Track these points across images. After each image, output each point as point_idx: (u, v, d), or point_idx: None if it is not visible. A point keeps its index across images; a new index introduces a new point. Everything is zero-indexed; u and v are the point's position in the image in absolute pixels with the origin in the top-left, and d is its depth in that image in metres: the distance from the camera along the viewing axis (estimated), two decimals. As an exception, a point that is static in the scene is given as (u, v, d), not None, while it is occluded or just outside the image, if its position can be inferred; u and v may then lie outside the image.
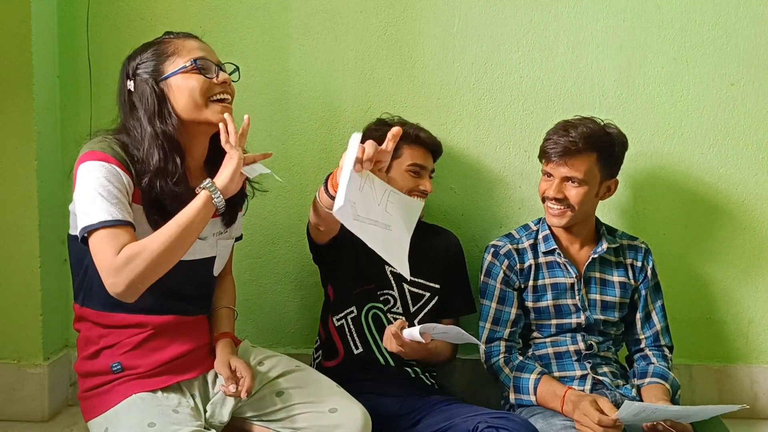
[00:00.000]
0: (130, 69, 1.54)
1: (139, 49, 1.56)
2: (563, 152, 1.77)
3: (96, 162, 1.43)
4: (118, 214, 1.40)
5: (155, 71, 1.51)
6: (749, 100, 2.11)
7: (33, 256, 2.03)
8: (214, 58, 1.56)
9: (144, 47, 1.56)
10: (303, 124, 2.15)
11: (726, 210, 2.14)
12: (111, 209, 1.40)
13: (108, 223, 1.39)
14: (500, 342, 1.87)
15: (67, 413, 2.12)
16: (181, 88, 1.51)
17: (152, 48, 1.54)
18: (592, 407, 1.61)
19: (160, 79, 1.51)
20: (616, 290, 1.89)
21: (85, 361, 1.55)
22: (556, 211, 1.82)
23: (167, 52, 1.52)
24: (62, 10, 2.10)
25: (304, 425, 1.54)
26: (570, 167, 1.77)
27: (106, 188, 1.41)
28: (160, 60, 1.52)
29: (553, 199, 1.80)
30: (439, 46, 2.11)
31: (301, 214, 2.16)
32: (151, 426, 1.41)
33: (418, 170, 1.89)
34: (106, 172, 1.42)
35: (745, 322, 2.18)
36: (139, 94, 1.51)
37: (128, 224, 1.42)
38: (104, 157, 1.44)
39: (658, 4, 2.09)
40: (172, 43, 1.54)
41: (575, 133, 1.77)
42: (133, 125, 1.51)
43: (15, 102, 1.98)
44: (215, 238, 1.63)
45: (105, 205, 1.39)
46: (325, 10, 2.11)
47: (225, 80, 1.55)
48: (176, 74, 1.50)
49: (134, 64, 1.53)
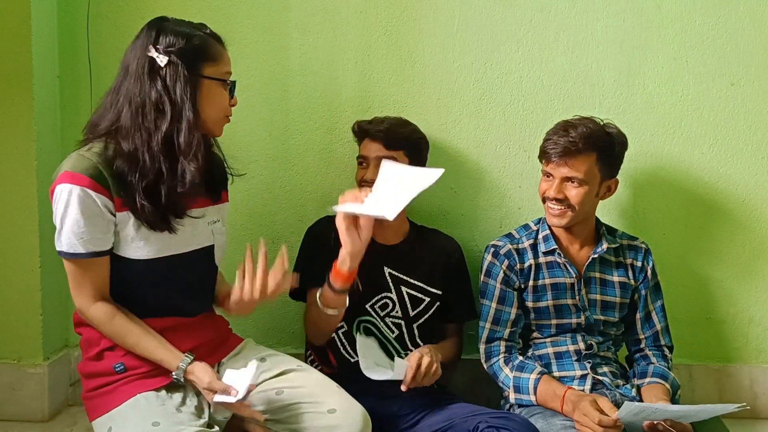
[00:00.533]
0: (161, 41, 1.46)
1: (176, 29, 1.48)
2: (563, 152, 1.77)
3: (70, 186, 1.43)
4: (81, 248, 1.44)
5: (193, 64, 1.47)
6: (749, 100, 2.11)
7: (33, 256, 2.03)
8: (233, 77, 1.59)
9: (186, 33, 1.48)
10: (303, 124, 2.15)
11: (726, 210, 2.14)
12: (74, 242, 1.44)
13: (70, 256, 1.46)
14: (500, 342, 1.87)
15: (67, 413, 2.12)
16: (210, 97, 1.51)
17: (196, 41, 1.49)
18: (592, 407, 1.61)
19: (195, 74, 1.48)
20: (616, 290, 1.89)
21: (89, 362, 1.56)
22: (557, 211, 1.81)
23: (209, 54, 1.51)
24: (62, 10, 2.10)
25: (304, 425, 1.54)
26: (570, 167, 1.77)
27: (74, 218, 1.43)
28: (203, 57, 1.49)
29: (554, 199, 1.80)
30: (439, 46, 2.11)
31: (301, 214, 2.16)
32: (155, 425, 1.42)
33: (361, 161, 1.91)
34: (78, 198, 1.42)
35: (745, 322, 2.18)
36: (174, 76, 1.45)
37: (91, 256, 1.45)
38: (79, 179, 1.42)
39: (658, 4, 2.09)
40: (215, 47, 1.53)
41: (575, 133, 1.77)
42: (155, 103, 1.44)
43: (15, 102, 1.98)
44: (209, 227, 1.63)
45: (70, 236, 1.44)
46: (325, 9, 2.11)
47: (235, 104, 1.59)
48: (213, 80, 1.51)
49: (170, 40, 1.46)
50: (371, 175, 1.83)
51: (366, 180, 1.86)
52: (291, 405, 1.56)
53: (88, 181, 1.43)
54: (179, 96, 1.45)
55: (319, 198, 2.17)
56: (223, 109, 1.55)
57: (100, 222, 1.44)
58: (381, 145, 1.87)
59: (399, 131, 1.90)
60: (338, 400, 1.56)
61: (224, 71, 1.54)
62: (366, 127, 1.91)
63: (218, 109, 1.54)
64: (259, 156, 2.14)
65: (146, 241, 1.49)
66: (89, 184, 1.43)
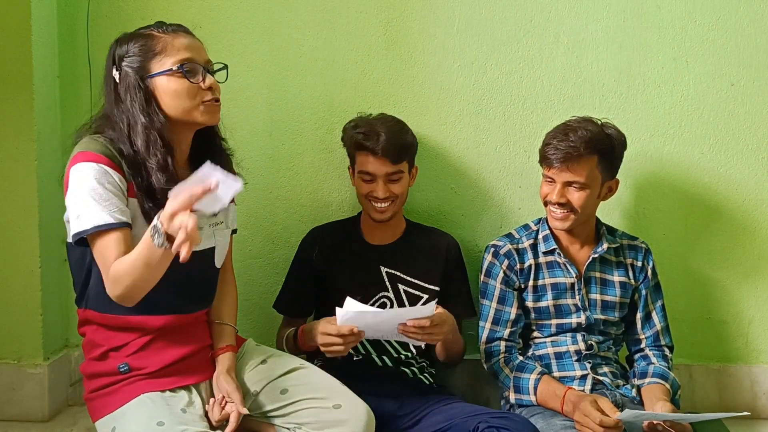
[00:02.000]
0: (116, 56, 1.51)
1: (127, 37, 1.52)
2: (564, 158, 1.76)
3: (87, 164, 1.43)
4: (110, 218, 1.41)
5: (141, 68, 1.48)
6: (749, 100, 2.11)
7: (33, 256, 2.03)
8: (202, 59, 1.52)
9: (132, 37, 1.51)
10: (303, 124, 2.15)
11: (726, 210, 2.14)
12: (102, 214, 1.40)
13: (101, 227, 1.40)
14: (500, 342, 1.87)
15: (67, 413, 2.12)
16: (167, 90, 1.49)
17: (140, 41, 1.50)
18: (593, 408, 1.61)
19: (146, 77, 1.48)
20: (617, 290, 1.89)
21: (92, 363, 1.56)
22: (560, 215, 1.81)
23: (155, 49, 1.49)
24: (62, 10, 2.10)
25: (308, 420, 1.54)
26: (572, 172, 1.77)
27: (97, 191, 1.41)
28: (146, 57, 1.49)
29: (556, 203, 1.80)
30: (439, 46, 2.11)
31: (301, 214, 2.16)
32: (159, 425, 1.42)
33: (366, 177, 1.88)
34: (97, 173, 1.42)
35: (745, 322, 2.18)
36: (125, 87, 1.49)
37: (121, 226, 1.42)
38: (95, 157, 1.43)
39: (658, 4, 2.09)
40: (160, 40, 1.50)
41: (575, 137, 1.76)
42: (119, 117, 1.49)
43: (15, 102, 1.98)
44: (211, 228, 1.62)
45: (97, 209, 1.40)
46: (325, 10, 2.11)
47: (211, 85, 1.52)
48: (162, 75, 1.48)
49: (120, 53, 1.50)
50: (383, 193, 1.85)
51: (377, 197, 1.86)
52: (296, 402, 1.57)
53: (105, 159, 1.44)
54: (129, 103, 1.47)
55: (319, 198, 2.17)
56: (190, 96, 1.49)
57: (121, 196, 1.44)
58: (388, 161, 1.84)
59: (400, 143, 1.87)
60: (343, 396, 1.57)
61: (173, 60, 1.47)
62: (365, 143, 1.85)
63: (183, 99, 1.48)
64: (259, 156, 2.14)
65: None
66: (107, 162, 1.44)
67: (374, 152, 1.84)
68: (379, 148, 1.83)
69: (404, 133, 1.91)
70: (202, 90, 1.50)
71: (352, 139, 1.89)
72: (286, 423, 1.57)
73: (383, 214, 1.88)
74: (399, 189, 1.88)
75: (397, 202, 1.89)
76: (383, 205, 1.87)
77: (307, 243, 2.00)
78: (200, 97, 1.51)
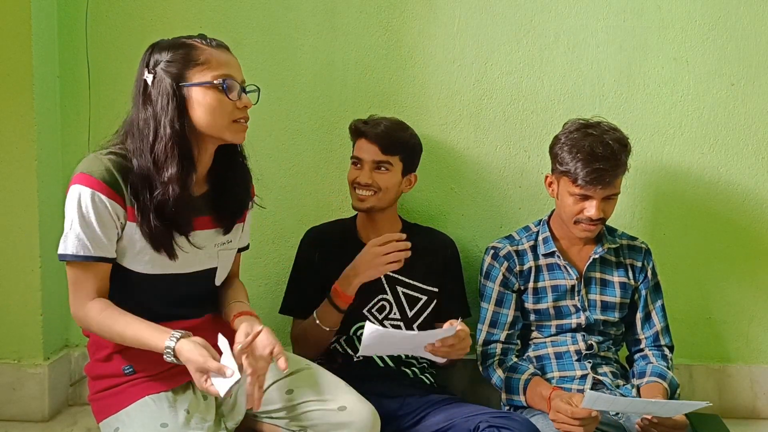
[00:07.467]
0: (152, 60, 1.46)
1: (168, 44, 1.48)
2: (603, 179, 1.72)
3: (84, 188, 1.42)
4: (91, 250, 1.43)
5: (179, 75, 1.44)
6: (749, 100, 2.11)
7: (33, 256, 2.03)
8: (239, 77, 1.51)
9: (175, 44, 1.47)
10: (303, 124, 2.15)
11: (726, 210, 2.14)
12: (85, 244, 1.42)
13: (79, 258, 1.43)
14: (497, 344, 1.88)
15: (67, 413, 2.12)
16: (202, 103, 1.45)
17: (183, 49, 1.46)
18: (563, 402, 1.61)
19: (182, 85, 1.45)
20: (617, 290, 1.89)
21: (97, 364, 1.56)
22: (593, 228, 1.79)
23: (198, 59, 1.46)
24: (62, 10, 2.10)
25: (314, 422, 1.54)
26: (613, 187, 1.76)
27: (85, 219, 1.42)
28: (187, 65, 1.45)
29: (597, 219, 1.77)
30: (439, 46, 2.11)
31: (301, 214, 2.16)
32: (163, 426, 1.42)
33: (356, 161, 1.90)
34: (91, 202, 1.41)
35: (745, 322, 2.18)
36: (158, 91, 1.44)
37: (100, 261, 1.44)
38: (93, 183, 1.41)
39: (658, 4, 2.09)
40: (204, 52, 1.47)
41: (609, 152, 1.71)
42: (145, 122, 1.45)
43: (15, 102, 1.98)
44: (216, 249, 1.60)
45: (81, 238, 1.42)
46: (325, 9, 2.11)
47: (246, 105, 1.51)
48: (199, 86, 1.45)
49: (158, 57, 1.46)
50: (365, 179, 1.86)
51: (359, 183, 1.87)
52: (302, 403, 1.56)
53: (104, 186, 1.42)
54: (160, 109, 1.44)
55: (318, 198, 2.17)
56: (225, 114, 1.47)
57: (108, 228, 1.44)
58: (377, 148, 1.86)
59: (397, 135, 1.89)
60: (348, 398, 1.57)
61: (215, 74, 1.45)
62: (362, 128, 1.89)
63: (216, 114, 1.46)
64: (259, 156, 2.13)
65: (150, 256, 1.48)
66: (102, 189, 1.42)
67: (367, 136, 1.88)
68: (372, 134, 1.87)
69: (403, 130, 1.93)
70: (236, 108, 1.49)
71: (354, 125, 1.93)
72: (291, 425, 1.56)
73: (362, 202, 1.88)
74: (384, 182, 1.87)
75: (380, 195, 1.88)
76: (364, 193, 1.87)
77: (308, 244, 1.99)
78: (233, 115, 1.49)
